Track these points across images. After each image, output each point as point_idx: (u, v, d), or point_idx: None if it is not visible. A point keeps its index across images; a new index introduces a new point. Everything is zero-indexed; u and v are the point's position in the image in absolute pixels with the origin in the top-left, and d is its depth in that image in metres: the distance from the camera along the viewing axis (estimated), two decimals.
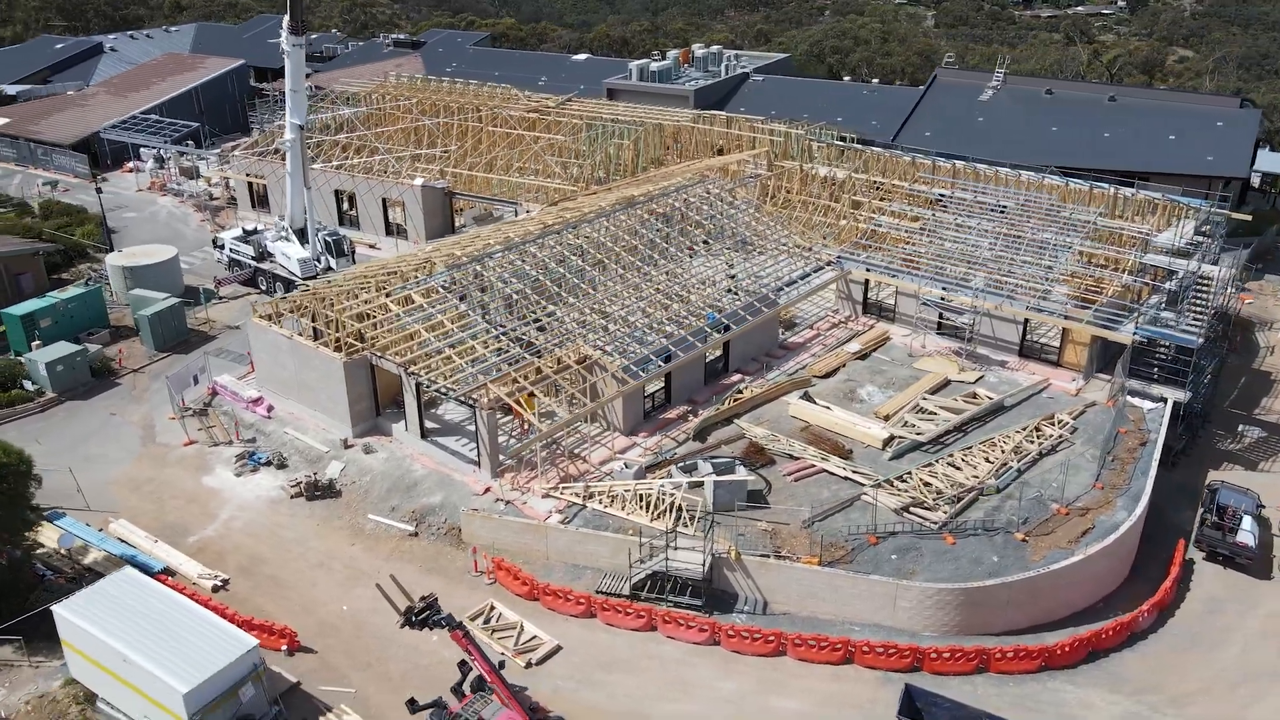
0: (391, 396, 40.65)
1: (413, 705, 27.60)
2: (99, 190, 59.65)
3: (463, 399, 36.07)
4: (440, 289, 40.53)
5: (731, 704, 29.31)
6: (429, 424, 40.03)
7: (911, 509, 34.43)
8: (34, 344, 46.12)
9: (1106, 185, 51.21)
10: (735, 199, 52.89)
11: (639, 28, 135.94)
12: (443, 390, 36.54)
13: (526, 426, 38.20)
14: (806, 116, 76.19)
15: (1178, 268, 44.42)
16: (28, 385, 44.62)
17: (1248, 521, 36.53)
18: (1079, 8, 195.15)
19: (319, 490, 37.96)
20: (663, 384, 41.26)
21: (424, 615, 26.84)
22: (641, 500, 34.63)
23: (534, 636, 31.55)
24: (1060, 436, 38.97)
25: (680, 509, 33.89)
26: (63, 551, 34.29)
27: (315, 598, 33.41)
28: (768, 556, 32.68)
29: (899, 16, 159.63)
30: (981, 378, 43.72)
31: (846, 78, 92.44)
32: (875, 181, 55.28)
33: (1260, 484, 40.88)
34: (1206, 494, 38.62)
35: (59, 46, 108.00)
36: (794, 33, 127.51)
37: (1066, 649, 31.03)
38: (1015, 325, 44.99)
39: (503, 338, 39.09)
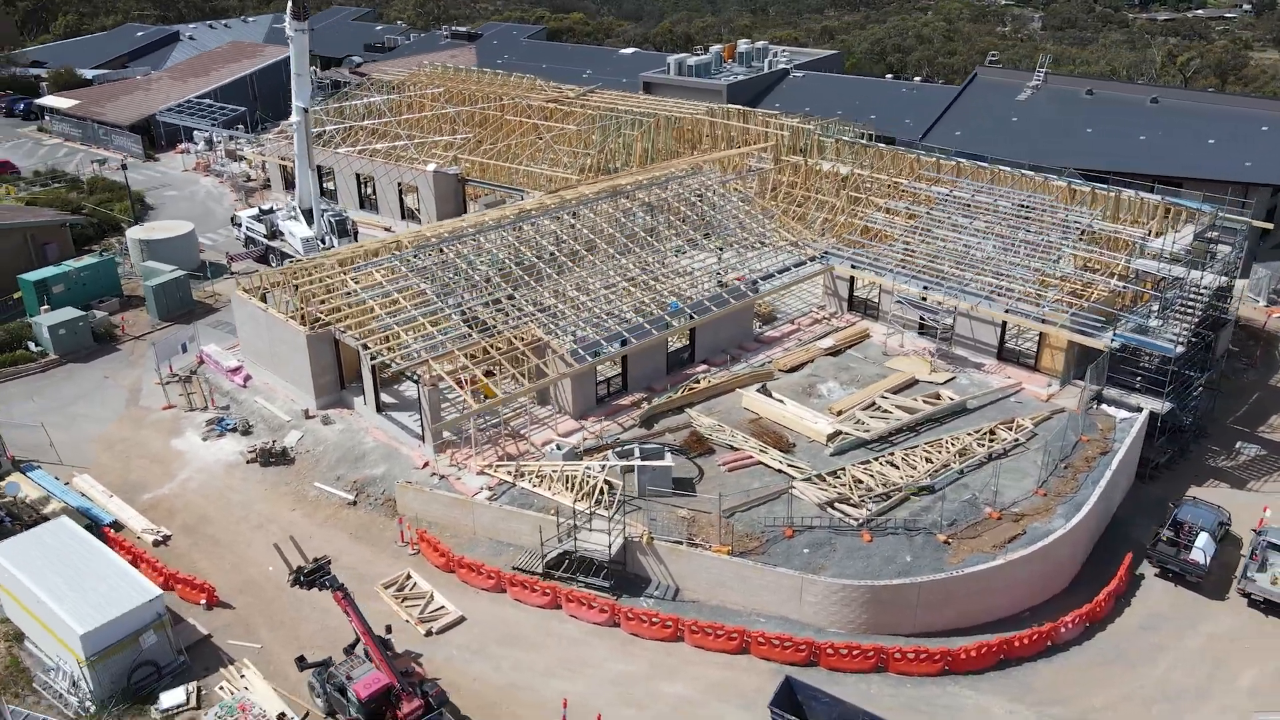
0: (357, 371, 41.84)
1: (301, 663, 28.58)
2: (124, 168, 62.56)
3: (406, 374, 36.94)
4: (402, 268, 41.54)
5: (618, 685, 29.45)
6: (391, 400, 41.09)
7: (836, 504, 33.94)
8: (43, 309, 48.84)
9: (1106, 187, 49.31)
10: (729, 192, 52.67)
11: (702, 24, 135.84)
12: (387, 364, 37.51)
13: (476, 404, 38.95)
14: (840, 113, 75.57)
15: (1166, 274, 42.56)
16: (32, 347, 47.31)
17: (1203, 539, 34.94)
18: (1199, 10, 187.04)
19: (273, 457, 39.38)
20: (620, 370, 41.51)
21: (312, 576, 27.70)
22: (567, 481, 34.98)
23: (441, 607, 32.22)
24: (1015, 441, 37.86)
25: (602, 491, 34.14)
26: (22, 500, 36.34)
27: (247, 557, 34.72)
28: (680, 543, 32.68)
29: (991, 16, 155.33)
30: (952, 379, 42.70)
31: (889, 76, 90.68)
32: (875, 178, 54.30)
33: (1243, 503, 39.14)
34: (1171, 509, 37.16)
35: (139, 35, 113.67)
36: (859, 30, 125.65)
37: (972, 654, 30.24)
38: (994, 327, 43.81)
39: (454, 316, 39.83)
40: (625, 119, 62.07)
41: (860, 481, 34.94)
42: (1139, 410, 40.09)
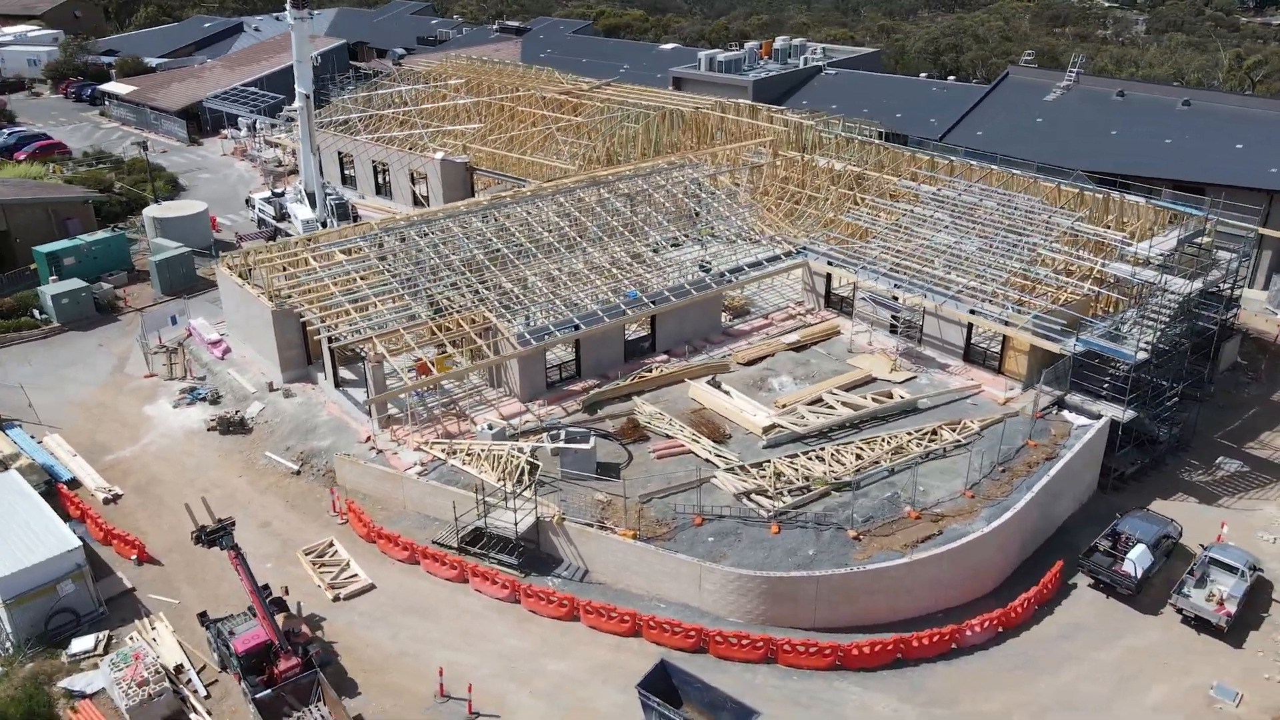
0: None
1: (202, 619, 29.90)
2: (144, 147, 65.41)
3: (350, 351, 38.08)
4: (365, 249, 42.74)
5: (506, 660, 29.97)
6: (352, 376, 42.32)
7: (752, 496, 33.85)
8: (51, 279, 51.61)
9: (1095, 188, 47.85)
10: (715, 185, 52.66)
11: (759, 21, 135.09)
12: (331, 339, 38.72)
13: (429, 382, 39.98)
14: (866, 111, 74.75)
15: (1135, 278, 41.15)
16: (37, 314, 50.05)
17: (1138, 551, 33.82)
18: None
19: (231, 426, 40.99)
20: (574, 357, 42.01)
21: (212, 535, 28.90)
22: (493, 460, 35.63)
23: (354, 575, 33.21)
24: (956, 442, 37.14)
25: (523, 472, 34.71)
26: None
27: (184, 518, 36.04)
28: (591, 525, 33.03)
29: (1091, 19, 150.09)
30: (913, 378, 42.03)
31: (923, 75, 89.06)
32: (869, 174, 53.58)
33: (1211, 519, 37.76)
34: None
35: (206, 25, 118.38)
36: (912, 27, 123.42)
37: (865, 650, 29.89)
38: (961, 328, 42.98)
39: (406, 296, 40.84)
40: (632, 112, 62.44)
41: (781, 474, 34.76)
42: (1098, 417, 38.92)
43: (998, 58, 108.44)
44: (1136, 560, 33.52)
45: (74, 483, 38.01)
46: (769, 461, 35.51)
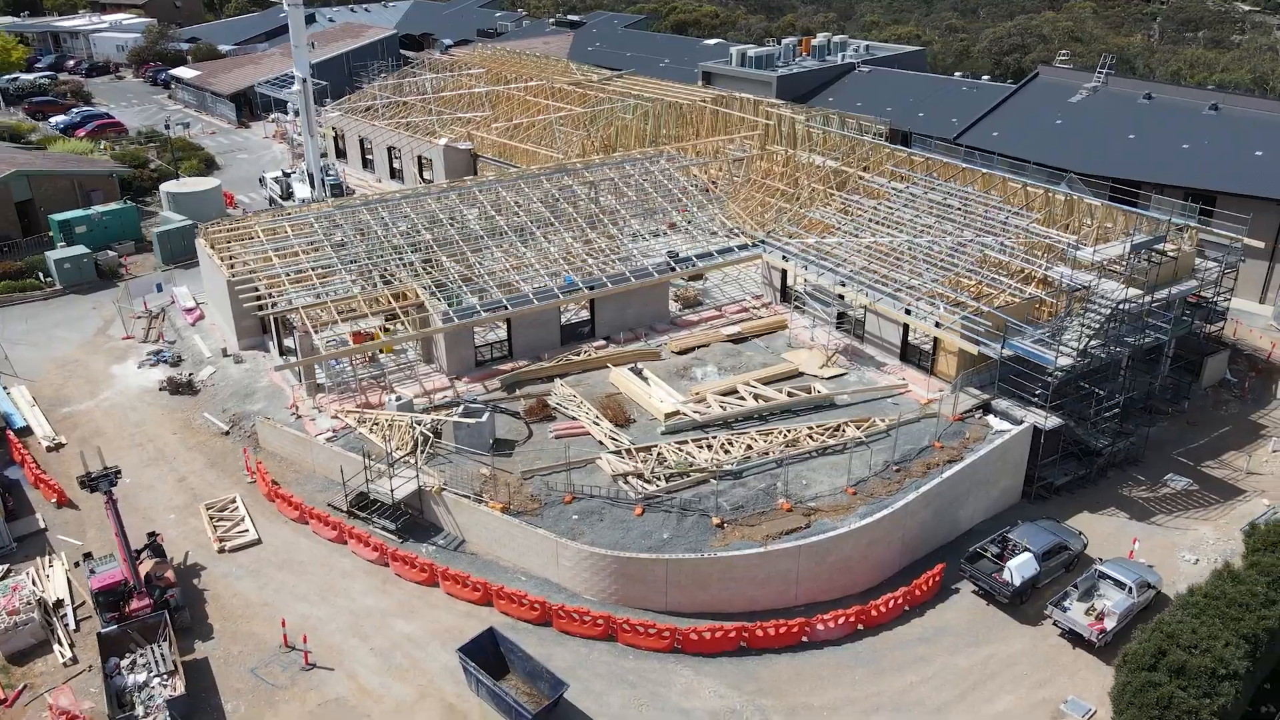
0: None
1: (88, 558, 31.99)
2: (167, 127, 69.12)
3: (279, 318, 39.91)
4: (314, 224, 44.60)
5: (357, 617, 31.15)
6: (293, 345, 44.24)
7: (630, 478, 34.22)
8: (60, 245, 55.33)
9: (1061, 189, 46.26)
10: (685, 177, 52.86)
11: (825, 19, 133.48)
12: (260, 307, 40.64)
13: (367, 354, 41.65)
14: (890, 109, 73.64)
15: (1070, 281, 39.75)
16: (42, 277, 53.77)
17: (1022, 559, 32.90)
18: None
19: (180, 387, 43.42)
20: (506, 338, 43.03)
21: (94, 480, 30.90)
22: (394, 429, 36.92)
23: (245, 530, 34.94)
24: (858, 439, 36.68)
25: (417, 442, 35.90)
26: None
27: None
28: (466, 497, 33.97)
29: (1226, 23, 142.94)
30: (843, 375, 41.61)
31: (959, 74, 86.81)
32: (845, 170, 52.93)
33: (1135, 533, 36.41)
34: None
35: (281, 15, 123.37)
36: (981, 26, 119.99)
37: (705, 636, 29.99)
38: (898, 328, 42.30)
39: (341, 271, 42.49)
40: (629, 104, 63.03)
41: (664, 459, 35.01)
42: (1019, 423, 37.86)
43: (1059, 57, 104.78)
44: (1016, 568, 32.61)
45: (25, 430, 40.90)
46: (655, 446, 35.80)
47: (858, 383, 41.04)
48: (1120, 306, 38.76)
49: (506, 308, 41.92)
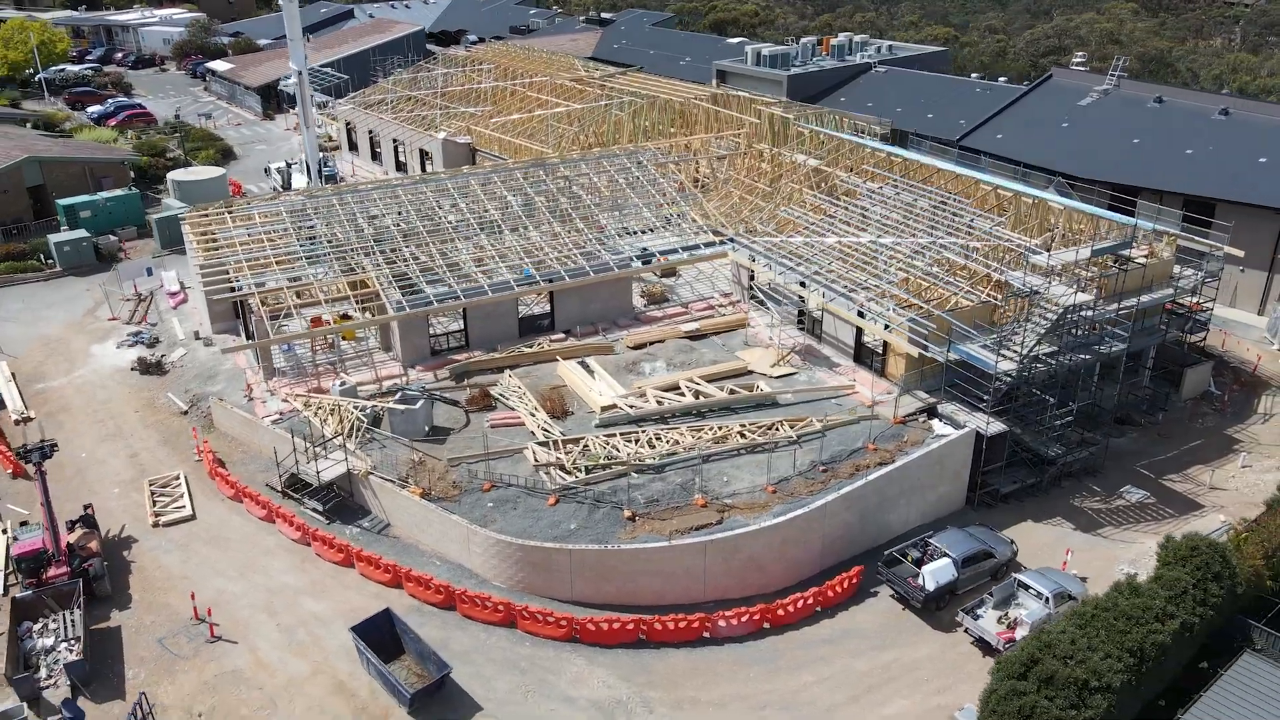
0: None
1: (24, 525, 33.34)
2: (177, 116, 71.15)
3: (240, 302, 41.05)
4: (282, 212, 45.70)
5: (270, 594, 31.96)
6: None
7: (551, 469, 34.51)
8: (64, 228, 57.47)
9: (1033, 192, 45.33)
10: (660, 174, 52.94)
11: (862, 19, 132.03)
12: (222, 291, 41.81)
13: (328, 342, 42.61)
14: (899, 110, 72.91)
15: (1022, 285, 38.95)
16: (43, 259, 55.91)
17: (939, 564, 32.48)
18: None
19: (150, 367, 44.85)
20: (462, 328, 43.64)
21: (28, 452, 32.22)
22: (335, 413, 37.74)
23: (181, 506, 36.03)
24: (790, 439, 36.48)
25: (351, 426, 36.67)
26: None
27: (74, 443, 40.09)
28: (391, 481, 34.60)
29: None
30: (792, 374, 41.38)
31: (975, 75, 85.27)
32: (824, 170, 52.52)
33: (1068, 545, 35.65)
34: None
35: (322, 11, 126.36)
36: (1019, 25, 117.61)
37: (601, 627, 30.18)
38: (852, 329, 41.92)
39: (302, 258, 43.47)
40: (621, 100, 63.29)
41: (589, 451, 35.22)
42: (962, 428, 37.30)
43: (1099, 61, 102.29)
44: (930, 574, 32.19)
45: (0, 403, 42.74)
46: (583, 439, 36.03)
47: (806, 382, 40.76)
48: (1070, 313, 37.91)
49: (460, 298, 42.50)
